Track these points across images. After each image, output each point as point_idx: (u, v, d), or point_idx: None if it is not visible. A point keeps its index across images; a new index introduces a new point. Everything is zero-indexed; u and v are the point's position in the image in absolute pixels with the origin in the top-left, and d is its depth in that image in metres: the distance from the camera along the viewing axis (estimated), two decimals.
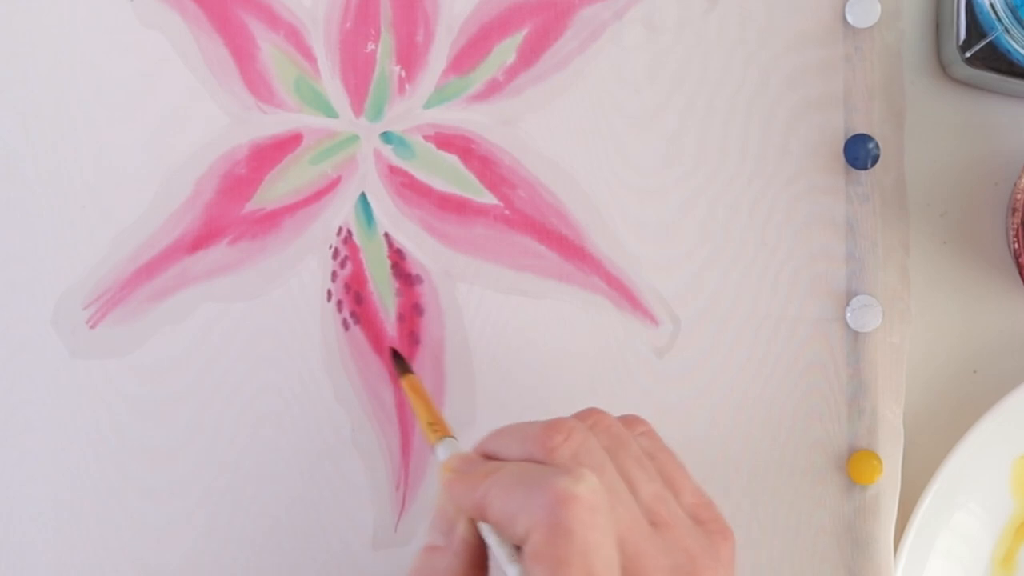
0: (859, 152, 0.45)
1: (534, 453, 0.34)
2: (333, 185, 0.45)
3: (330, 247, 0.45)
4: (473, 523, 0.35)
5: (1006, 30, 0.42)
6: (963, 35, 0.44)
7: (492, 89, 0.45)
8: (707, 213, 0.45)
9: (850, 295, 0.45)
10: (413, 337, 0.45)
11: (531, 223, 0.45)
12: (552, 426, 0.34)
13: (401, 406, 0.45)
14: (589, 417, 0.37)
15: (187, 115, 0.45)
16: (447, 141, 0.45)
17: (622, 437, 0.36)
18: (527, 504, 0.32)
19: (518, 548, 0.33)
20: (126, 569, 0.45)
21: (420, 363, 0.45)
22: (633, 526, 0.33)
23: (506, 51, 0.45)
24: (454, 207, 0.45)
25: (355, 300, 0.45)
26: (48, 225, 0.45)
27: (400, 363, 0.43)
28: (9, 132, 0.46)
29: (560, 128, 0.45)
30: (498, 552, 0.34)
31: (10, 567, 0.46)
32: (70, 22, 0.46)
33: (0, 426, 0.45)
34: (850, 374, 0.44)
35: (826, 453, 0.44)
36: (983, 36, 0.43)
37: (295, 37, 0.45)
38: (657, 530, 0.34)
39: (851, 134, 0.45)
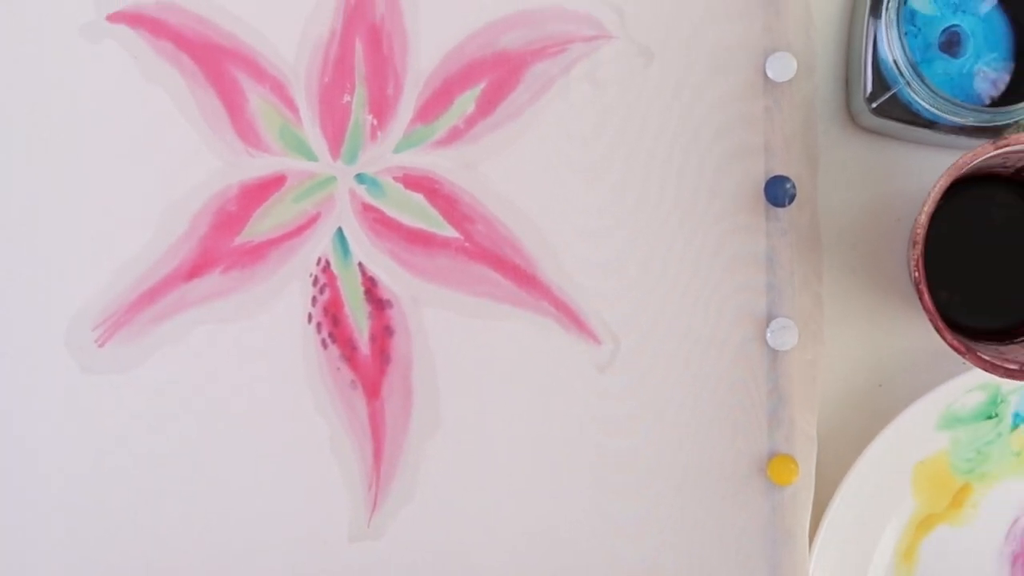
0: (778, 192, 0.45)
1: None
2: (313, 221, 0.46)
3: (311, 275, 0.45)
4: None
5: (908, 84, 0.42)
6: (870, 88, 0.45)
7: (454, 136, 0.46)
8: (645, 248, 0.45)
9: (770, 318, 0.45)
10: (384, 355, 0.45)
11: (488, 255, 0.46)
12: None
13: (374, 416, 0.45)
14: None
15: (184, 159, 0.46)
16: (414, 182, 0.46)
17: None
18: None
19: None
20: (130, 563, 0.45)
21: (390, 379, 0.45)
22: None
23: (466, 102, 0.46)
24: (420, 240, 0.46)
25: (332, 322, 0.45)
26: (62, 255, 0.46)
27: None
28: (28, 175, 0.46)
29: (514, 171, 0.46)
30: None
31: (24, 561, 0.46)
32: (82, 78, 0.46)
33: (18, 432, 0.45)
34: (770, 388, 0.45)
35: (749, 457, 0.45)
36: (887, 89, 0.44)
37: (280, 90, 0.46)
38: None
39: (771, 176, 0.45)
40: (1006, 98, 0.44)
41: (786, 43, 0.46)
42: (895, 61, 0.43)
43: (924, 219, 0.39)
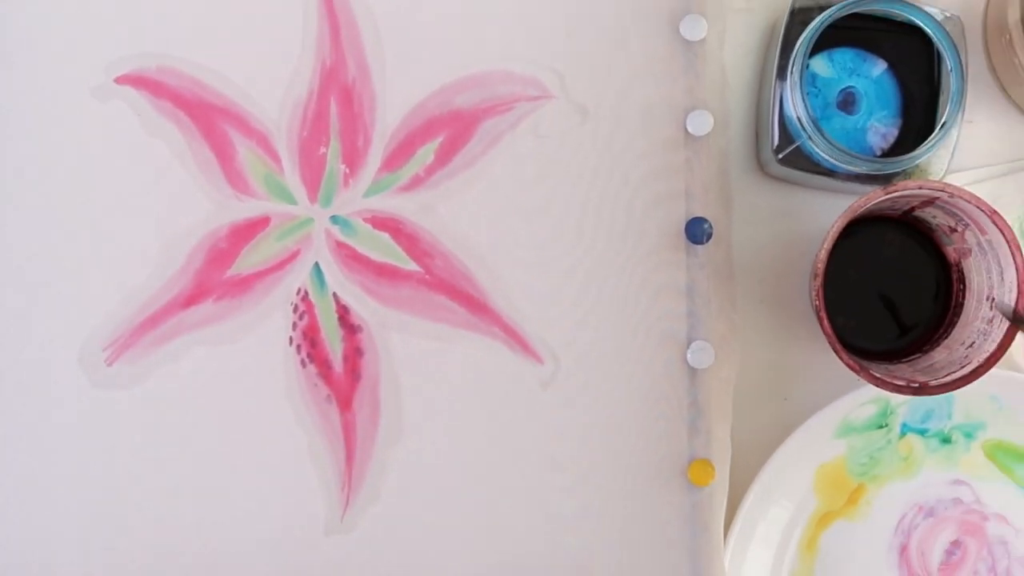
0: (697, 231, 0.47)
1: None
2: (293, 256, 0.47)
3: (291, 304, 0.47)
4: None
5: (809, 137, 0.44)
6: (776, 141, 0.47)
7: (416, 183, 0.48)
8: (582, 280, 0.47)
9: (689, 341, 0.47)
10: (355, 374, 0.47)
11: (446, 286, 0.47)
12: None
13: (346, 426, 0.46)
14: None
15: (181, 203, 0.47)
16: (381, 222, 0.47)
17: None
18: None
19: None
20: (135, 550, 0.47)
21: (360, 394, 0.47)
22: None
23: (426, 153, 0.48)
24: (386, 273, 0.47)
25: (310, 344, 0.47)
26: (76, 285, 0.47)
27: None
28: (46, 216, 0.48)
29: (468, 213, 0.48)
30: None
31: (47, 548, 0.47)
32: (93, 132, 0.48)
33: (39, 438, 0.47)
34: (690, 402, 0.47)
35: (672, 461, 0.47)
36: (792, 142, 0.46)
37: (264, 143, 0.48)
38: None
39: (691, 216, 0.47)
40: (894, 150, 0.47)
41: (704, 102, 0.48)
42: (799, 118, 0.45)
43: (824, 255, 0.42)
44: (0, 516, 0.46)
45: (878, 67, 0.48)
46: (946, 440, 0.48)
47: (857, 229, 0.46)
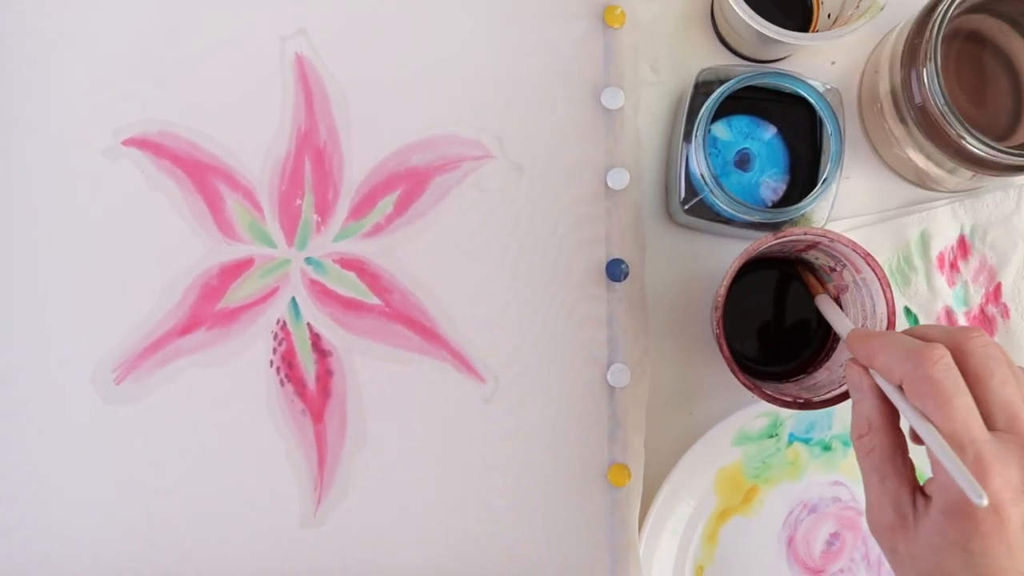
0: (615, 271, 0.49)
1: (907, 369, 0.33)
2: (273, 292, 0.48)
3: (272, 332, 0.48)
4: (869, 374, 0.36)
5: (711, 191, 0.46)
6: (683, 194, 0.48)
7: (377, 230, 0.49)
8: (517, 311, 0.49)
9: (609, 363, 0.48)
10: (326, 391, 0.48)
11: (402, 317, 0.49)
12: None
13: (318, 436, 0.48)
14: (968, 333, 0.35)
15: (178, 247, 0.49)
16: (348, 263, 0.49)
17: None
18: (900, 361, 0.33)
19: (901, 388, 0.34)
20: (138, 541, 0.48)
21: (331, 408, 0.48)
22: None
23: (386, 205, 0.49)
24: (352, 306, 0.49)
25: (288, 366, 0.48)
26: (89, 317, 0.48)
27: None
28: (62, 259, 0.49)
29: (422, 255, 0.49)
30: (884, 385, 0.35)
31: (64, 539, 0.48)
32: (104, 186, 0.49)
33: (57, 447, 0.48)
34: (609, 415, 0.48)
35: (594, 466, 0.48)
36: (696, 195, 0.48)
37: (249, 196, 0.49)
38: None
39: (610, 258, 0.49)
40: (783, 202, 0.49)
41: (622, 161, 0.49)
42: (702, 175, 0.46)
43: (723, 290, 0.44)
44: (24, 511, 0.47)
45: (769, 131, 0.49)
46: (827, 448, 0.49)
47: (752, 269, 0.48)
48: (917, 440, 0.35)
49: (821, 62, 0.52)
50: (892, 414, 0.36)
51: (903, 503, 0.34)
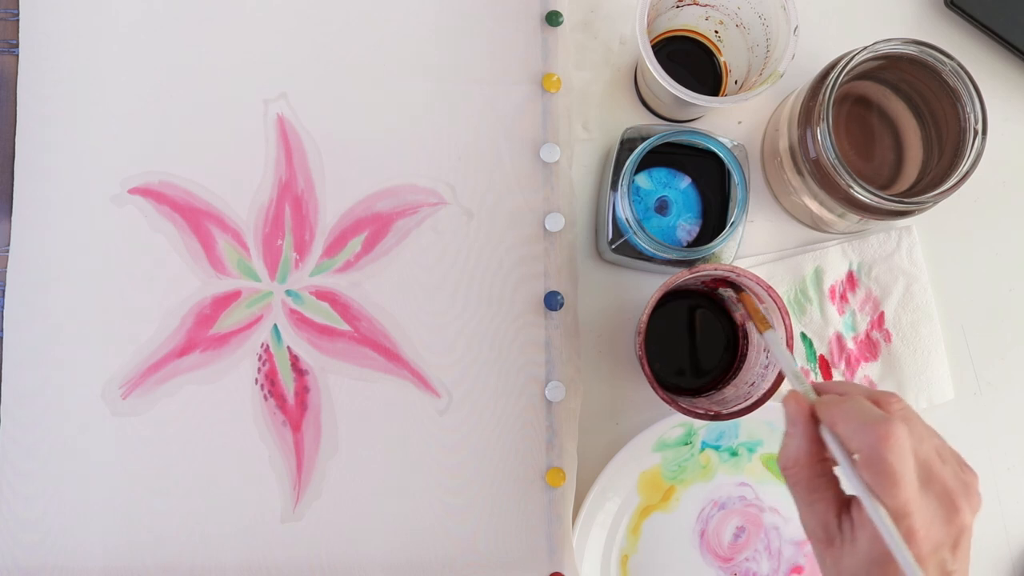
0: (552, 301, 0.51)
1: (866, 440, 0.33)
2: (258, 320, 0.51)
3: (257, 354, 0.51)
4: (810, 416, 0.36)
5: (635, 233, 0.48)
6: (611, 235, 0.50)
7: (347, 266, 0.51)
8: (468, 336, 0.51)
9: (547, 381, 0.51)
10: (303, 405, 0.50)
11: (369, 341, 0.51)
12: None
13: (297, 443, 0.49)
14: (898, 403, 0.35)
15: (177, 281, 0.51)
16: (322, 295, 0.51)
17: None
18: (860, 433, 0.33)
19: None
20: (141, 534, 0.49)
21: (308, 420, 0.50)
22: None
23: (355, 245, 0.51)
24: (326, 332, 0.51)
25: (271, 384, 0.51)
26: (99, 341, 0.50)
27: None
28: (77, 293, 0.51)
29: (386, 289, 0.51)
30: (839, 456, 0.35)
31: (78, 530, 0.49)
32: (112, 229, 0.51)
33: (70, 454, 0.50)
34: (547, 425, 0.51)
35: (534, 469, 0.51)
36: (622, 236, 0.50)
37: (237, 237, 0.51)
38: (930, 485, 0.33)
39: (548, 291, 0.51)
40: (697, 242, 0.51)
41: (558, 207, 0.52)
42: (627, 218, 0.48)
43: (645, 318, 0.46)
44: (46, 507, 0.50)
45: (685, 181, 0.51)
46: (734, 453, 0.52)
47: (670, 299, 0.51)
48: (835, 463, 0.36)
49: (729, 122, 0.55)
50: (820, 449, 0.36)
51: (830, 524, 0.35)
